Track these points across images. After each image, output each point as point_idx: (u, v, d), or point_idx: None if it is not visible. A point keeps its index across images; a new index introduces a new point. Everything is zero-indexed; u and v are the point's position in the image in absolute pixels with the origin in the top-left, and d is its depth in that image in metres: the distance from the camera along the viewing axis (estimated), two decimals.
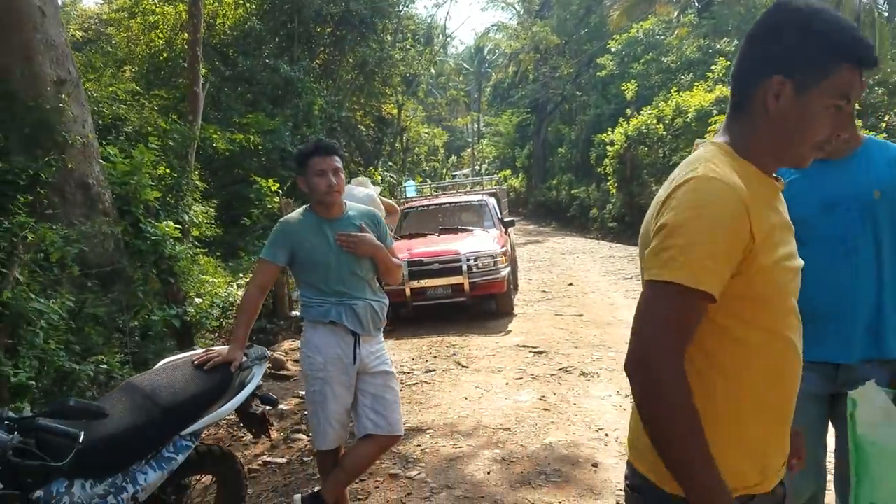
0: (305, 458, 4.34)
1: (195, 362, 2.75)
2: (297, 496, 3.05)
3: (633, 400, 1.28)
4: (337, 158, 3.05)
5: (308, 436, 4.74)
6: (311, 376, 3.03)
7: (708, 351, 1.28)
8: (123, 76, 12.72)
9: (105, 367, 4.87)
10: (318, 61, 18.13)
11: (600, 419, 4.66)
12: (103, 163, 6.20)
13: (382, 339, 3.24)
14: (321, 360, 3.00)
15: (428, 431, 4.60)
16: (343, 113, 18.18)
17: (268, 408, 3.07)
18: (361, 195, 4.88)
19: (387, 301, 3.21)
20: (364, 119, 21.60)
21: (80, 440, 2.15)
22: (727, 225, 1.21)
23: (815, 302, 1.86)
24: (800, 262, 1.37)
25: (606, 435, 4.36)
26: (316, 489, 3.08)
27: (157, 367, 2.85)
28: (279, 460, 4.35)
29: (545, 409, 4.93)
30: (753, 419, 1.29)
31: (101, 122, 7.78)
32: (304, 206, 3.20)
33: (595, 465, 3.85)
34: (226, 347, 2.91)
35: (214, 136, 10.32)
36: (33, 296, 4.17)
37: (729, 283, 1.22)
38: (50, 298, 4.42)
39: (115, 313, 5.69)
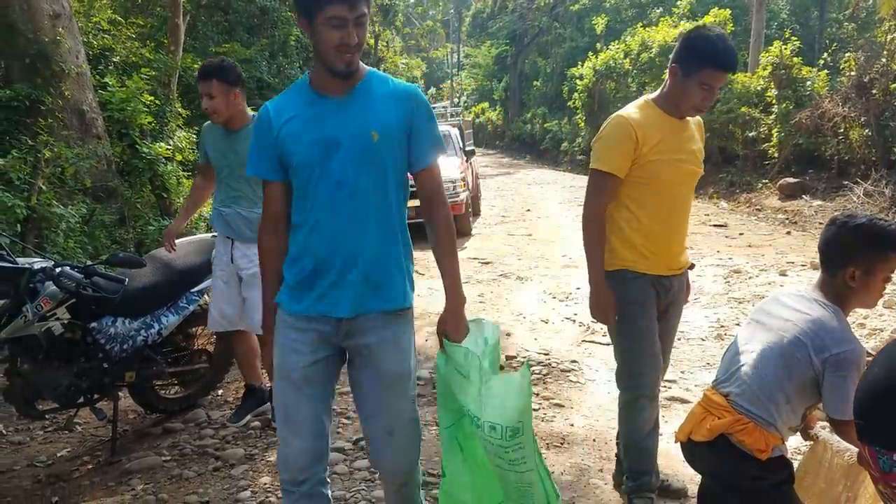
0: None
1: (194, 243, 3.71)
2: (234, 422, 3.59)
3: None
4: (215, 82, 3.19)
5: None
6: None
7: (621, 203, 2.47)
8: (102, 3, 13.08)
9: None
10: None
11: (524, 309, 5.73)
12: (101, 92, 6.93)
13: None
14: (215, 254, 3.49)
15: None
16: None
17: None
18: None
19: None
20: None
21: (126, 283, 3.12)
22: (620, 131, 2.40)
23: (317, 251, 1.90)
24: (686, 166, 2.50)
25: (525, 318, 5.44)
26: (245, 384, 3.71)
27: None
28: None
29: (481, 302, 6.00)
30: (638, 233, 2.47)
31: (90, 52, 8.43)
32: None
33: (508, 334, 4.94)
34: (207, 235, 3.85)
35: (195, 66, 10.90)
36: (55, 202, 5.05)
37: (635, 167, 2.39)
38: (67, 206, 5.31)
39: (115, 224, 6.59)
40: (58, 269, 3.01)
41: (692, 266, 2.73)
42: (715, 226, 9.79)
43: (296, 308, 1.93)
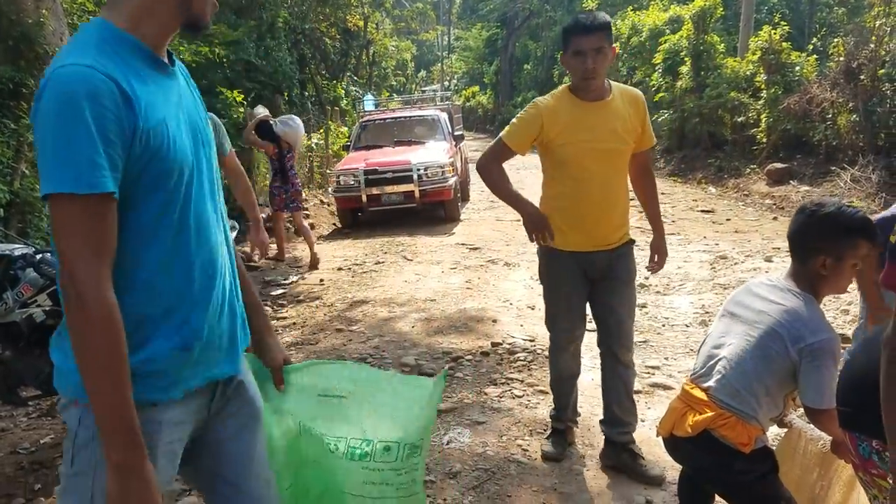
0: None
1: None
2: None
3: None
4: None
5: (272, 307, 5.78)
6: None
7: (545, 184, 2.83)
8: None
9: None
10: None
11: (510, 295, 5.75)
12: None
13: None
14: None
15: (370, 302, 5.65)
16: (307, 25, 18.39)
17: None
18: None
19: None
20: (329, 31, 21.60)
21: None
22: (528, 115, 2.74)
23: (200, 296, 1.33)
24: (600, 145, 2.69)
25: (512, 304, 5.46)
26: None
27: None
28: None
29: (468, 288, 6.01)
30: (557, 212, 2.74)
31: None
32: None
33: (495, 321, 4.96)
34: None
35: (181, 47, 10.77)
36: (39, 187, 5.00)
37: (544, 150, 2.75)
38: None
39: None
40: (38, 256, 2.98)
41: (632, 241, 2.91)
42: (702, 211, 9.82)
43: (177, 393, 1.31)
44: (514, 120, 2.80)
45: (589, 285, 2.87)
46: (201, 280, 1.33)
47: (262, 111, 7.68)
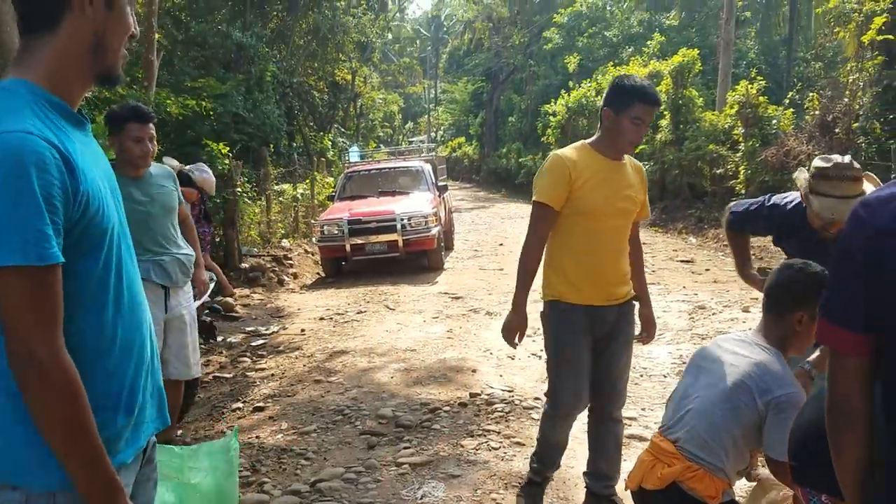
0: (248, 374, 5.31)
1: None
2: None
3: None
4: (152, 126, 3.18)
5: (251, 358, 5.74)
6: None
7: (556, 236, 2.73)
8: None
9: None
10: (270, 26, 18.55)
11: (491, 344, 5.74)
12: None
13: (190, 288, 3.55)
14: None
15: (350, 353, 5.62)
16: (296, 79, 18.74)
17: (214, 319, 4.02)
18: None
19: (192, 253, 3.49)
20: (317, 84, 21.99)
21: None
22: (556, 168, 2.67)
23: (139, 360, 1.34)
24: (618, 203, 2.73)
25: (492, 354, 5.45)
26: None
27: None
28: (227, 375, 5.32)
29: (449, 338, 6.00)
30: (570, 263, 2.71)
31: None
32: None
33: (474, 371, 4.94)
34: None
35: (168, 100, 10.90)
36: None
37: (567, 202, 2.66)
38: None
39: None
40: None
41: (636, 297, 2.89)
42: (682, 261, 9.93)
43: (127, 456, 1.32)
44: (539, 178, 2.73)
45: (592, 345, 2.79)
46: (137, 339, 1.33)
47: (175, 163, 7.83)
